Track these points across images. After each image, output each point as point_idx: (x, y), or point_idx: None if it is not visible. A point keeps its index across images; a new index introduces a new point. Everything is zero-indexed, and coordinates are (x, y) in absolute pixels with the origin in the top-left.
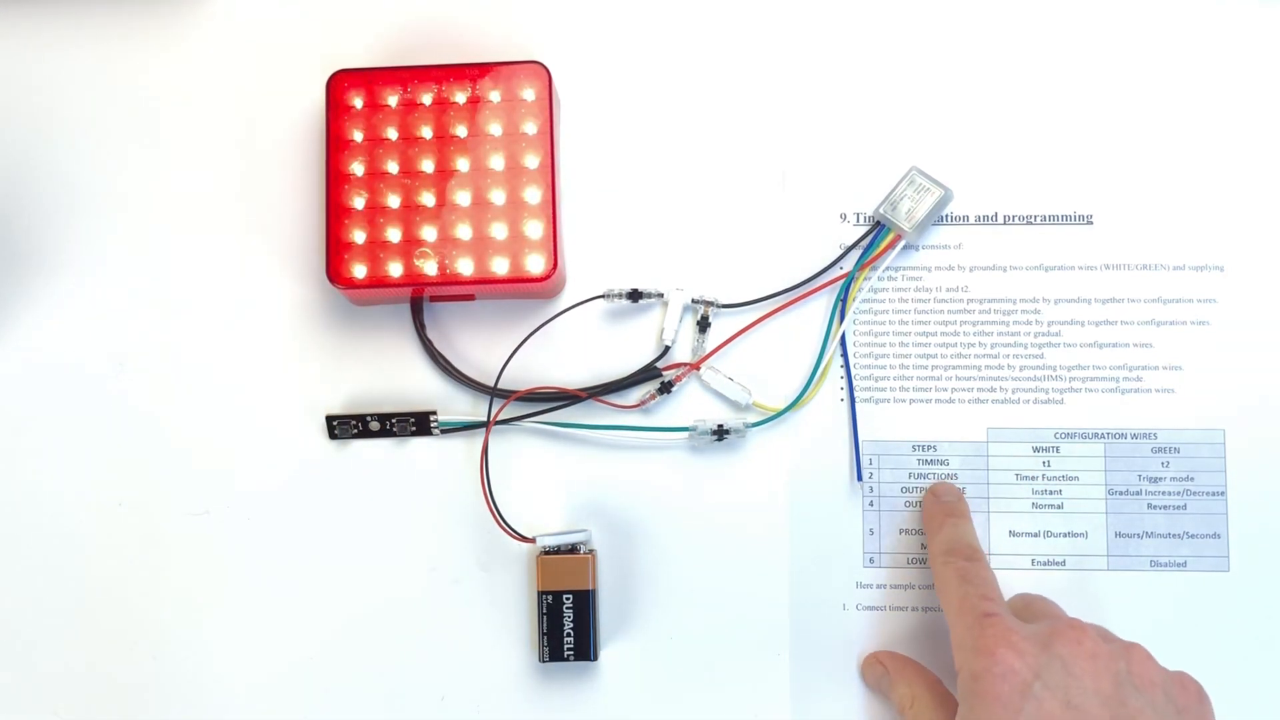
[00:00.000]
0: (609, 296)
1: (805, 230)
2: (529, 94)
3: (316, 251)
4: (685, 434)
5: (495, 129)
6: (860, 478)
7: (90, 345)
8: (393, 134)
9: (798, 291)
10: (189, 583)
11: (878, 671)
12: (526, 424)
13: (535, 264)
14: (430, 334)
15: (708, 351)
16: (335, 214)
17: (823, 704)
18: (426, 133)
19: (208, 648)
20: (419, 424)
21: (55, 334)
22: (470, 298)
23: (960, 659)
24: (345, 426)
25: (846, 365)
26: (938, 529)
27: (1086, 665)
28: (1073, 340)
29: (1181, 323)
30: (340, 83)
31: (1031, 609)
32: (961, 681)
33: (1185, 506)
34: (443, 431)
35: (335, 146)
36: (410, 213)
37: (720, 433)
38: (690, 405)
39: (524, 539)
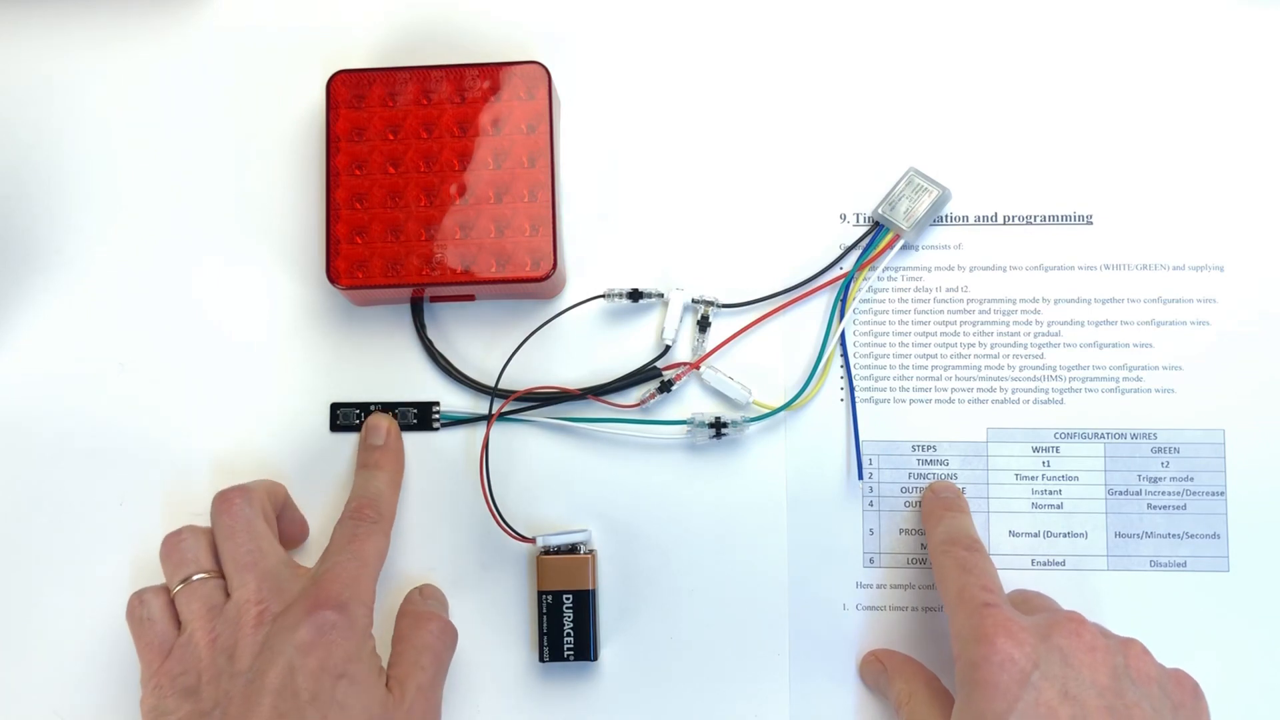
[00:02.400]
0: (609, 296)
1: (805, 230)
2: (529, 94)
3: (316, 251)
4: (683, 427)
5: (495, 129)
6: (861, 476)
7: (90, 345)
8: (393, 134)
9: (797, 291)
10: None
11: (875, 669)
12: (526, 424)
13: (535, 264)
14: (430, 334)
15: (708, 351)
16: (335, 214)
17: (823, 704)
18: (426, 133)
19: None
20: (420, 415)
21: (55, 334)
22: (470, 298)
23: (958, 647)
24: (348, 413)
25: (846, 365)
26: (937, 521)
27: (1085, 657)
28: (1073, 340)
29: (1181, 323)
30: (340, 83)
31: (1030, 603)
32: (960, 670)
33: (1185, 506)
34: (443, 425)
35: (335, 147)
36: (410, 213)
37: (718, 427)
38: (691, 405)
39: (524, 539)
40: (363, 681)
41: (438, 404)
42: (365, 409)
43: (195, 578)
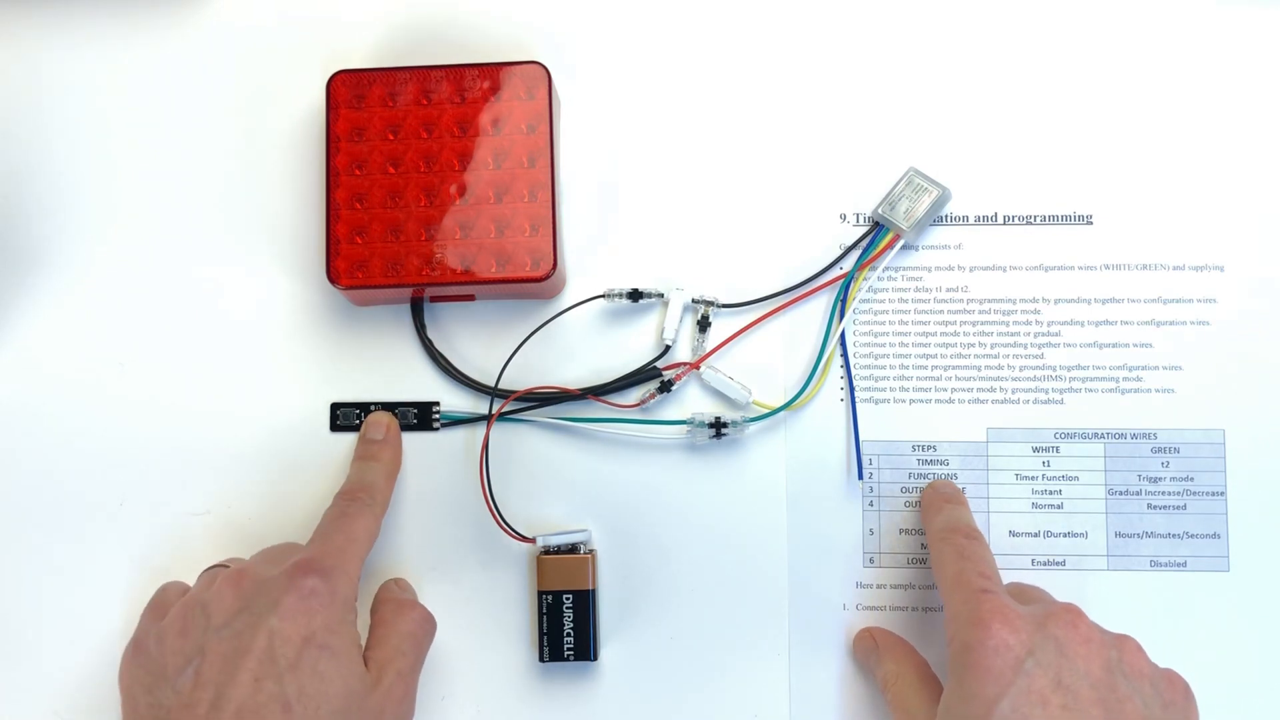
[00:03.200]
0: (609, 296)
1: (805, 230)
2: (529, 94)
3: (316, 251)
4: (683, 427)
5: (495, 129)
6: (861, 476)
7: (91, 345)
8: (393, 134)
9: (797, 291)
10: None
11: (867, 645)
12: (526, 424)
13: (535, 264)
14: (430, 334)
15: (708, 351)
16: (335, 214)
17: (823, 704)
18: (426, 133)
19: None
20: (420, 415)
21: (56, 334)
22: (470, 298)
23: (953, 630)
24: (349, 413)
25: (846, 364)
26: (936, 511)
27: (1080, 649)
28: (1073, 340)
29: (1181, 323)
30: (340, 83)
31: (1026, 595)
32: (953, 653)
33: (1185, 506)
34: (443, 425)
35: (335, 147)
36: (410, 213)
37: (718, 427)
38: (691, 405)
39: (524, 539)
40: (343, 655)
41: (438, 404)
42: (365, 409)
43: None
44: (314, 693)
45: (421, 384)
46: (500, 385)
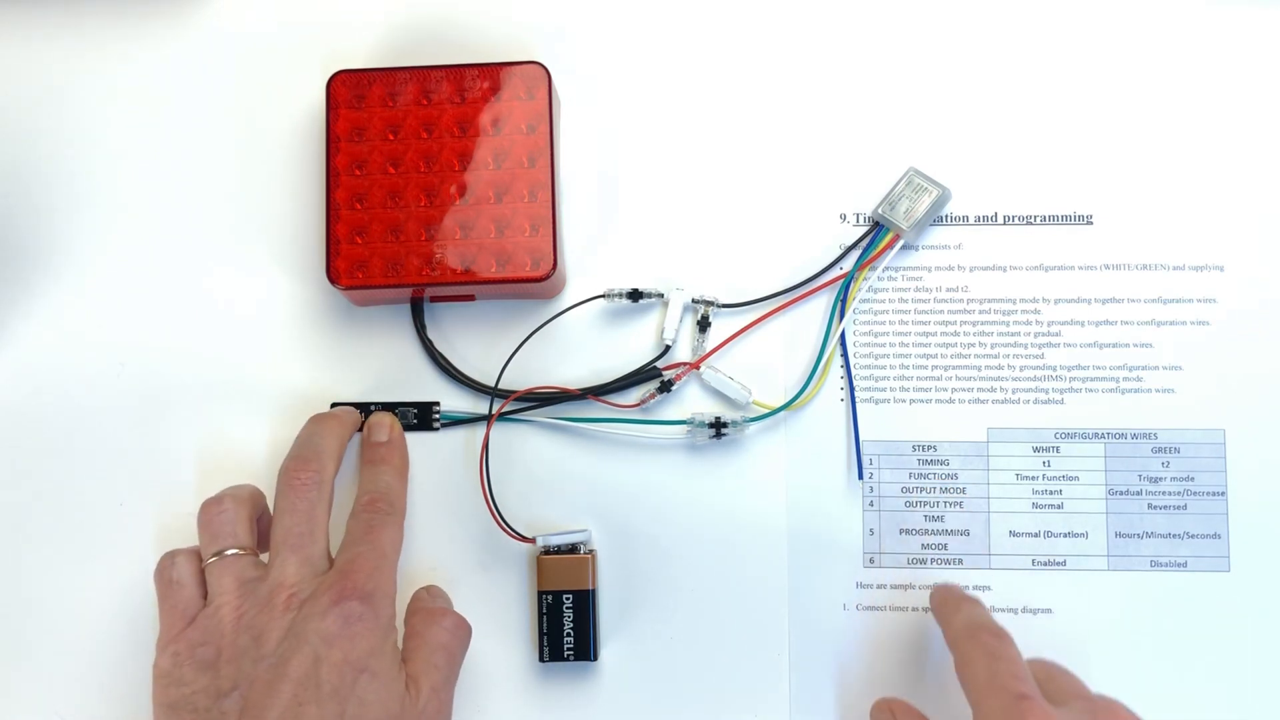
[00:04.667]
0: (609, 296)
1: (805, 230)
2: (529, 94)
3: (316, 251)
4: (683, 427)
5: (495, 129)
6: (861, 476)
7: (90, 345)
8: (393, 134)
9: (797, 291)
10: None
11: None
12: (526, 424)
13: (535, 264)
14: (430, 334)
15: (708, 351)
16: (335, 214)
17: (823, 704)
18: (426, 133)
19: None
20: (420, 415)
21: (56, 334)
22: (470, 298)
23: None
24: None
25: (846, 365)
26: (955, 609)
27: None
28: (1073, 340)
29: (1181, 323)
30: (340, 83)
31: (1054, 682)
32: None
33: (1185, 506)
34: (443, 425)
35: (335, 147)
36: (410, 213)
37: (718, 427)
38: (691, 405)
39: (524, 539)
40: (383, 677)
41: (438, 404)
42: (365, 409)
43: (229, 552)
44: (356, 717)
45: (421, 384)
46: (500, 385)
